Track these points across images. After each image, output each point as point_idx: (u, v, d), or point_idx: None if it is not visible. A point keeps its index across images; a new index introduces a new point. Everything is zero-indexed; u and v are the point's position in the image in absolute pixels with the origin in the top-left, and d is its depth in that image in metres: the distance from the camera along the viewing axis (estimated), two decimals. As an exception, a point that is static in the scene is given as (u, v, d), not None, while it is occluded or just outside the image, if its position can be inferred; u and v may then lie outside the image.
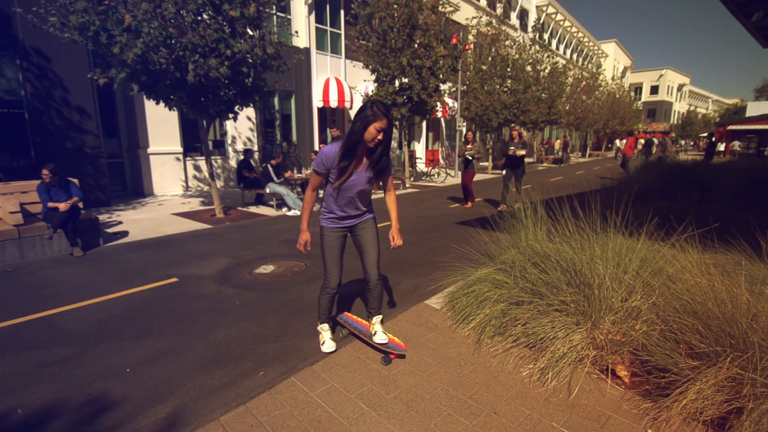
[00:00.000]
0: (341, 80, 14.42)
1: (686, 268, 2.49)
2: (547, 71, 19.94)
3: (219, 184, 12.03)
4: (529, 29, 24.73)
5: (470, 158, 8.83)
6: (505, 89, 16.58)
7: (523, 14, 27.90)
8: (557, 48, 32.45)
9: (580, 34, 35.64)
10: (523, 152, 8.38)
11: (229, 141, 12.24)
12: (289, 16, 13.13)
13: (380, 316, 2.82)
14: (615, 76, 39.15)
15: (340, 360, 2.75)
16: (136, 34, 5.83)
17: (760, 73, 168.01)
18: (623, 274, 2.61)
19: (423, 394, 2.37)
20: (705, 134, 43.73)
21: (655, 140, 29.24)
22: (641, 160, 12.82)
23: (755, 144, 31.53)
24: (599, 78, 30.13)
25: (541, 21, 28.16)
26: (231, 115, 7.63)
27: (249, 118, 12.45)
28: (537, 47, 19.21)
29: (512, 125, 8.91)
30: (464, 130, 15.56)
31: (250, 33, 6.99)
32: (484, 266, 3.38)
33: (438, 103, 12.32)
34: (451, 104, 16.77)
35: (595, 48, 40.54)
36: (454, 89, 16.16)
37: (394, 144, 17.96)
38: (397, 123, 12.22)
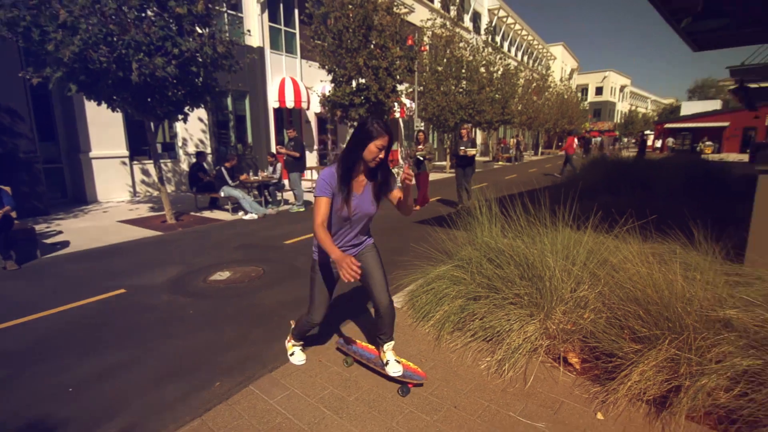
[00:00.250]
0: (297, 80, 14.20)
1: (628, 258, 2.66)
2: (500, 73, 20.59)
3: (170, 188, 11.51)
4: (482, 32, 25.46)
5: (422, 159, 8.67)
6: (461, 90, 16.98)
7: (476, 17, 28.68)
8: (509, 50, 33.62)
9: (530, 37, 37.12)
10: (474, 151, 8.36)
11: (180, 143, 11.73)
12: (240, 14, 12.77)
13: (392, 343, 2.49)
14: (563, 78, 41.09)
15: (301, 365, 2.70)
16: (72, 30, 5.45)
17: (691, 74, 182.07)
18: (572, 265, 2.74)
19: (385, 394, 2.37)
20: (641, 133, 46.83)
21: (595, 139, 30.97)
22: (585, 158, 13.56)
23: (689, 141, 34.22)
24: (549, 79, 31.54)
25: (493, 24, 29.07)
26: (180, 117, 7.32)
27: (201, 120, 12.00)
28: (490, 49, 19.81)
29: (462, 124, 8.95)
30: (423, 130, 15.80)
31: (199, 31, 6.73)
32: (443, 264, 3.44)
33: (396, 104, 12.41)
34: (408, 105, 16.95)
35: (544, 50, 42.38)
36: (411, 90, 16.35)
37: (353, 144, 17.89)
38: (355, 123, 12.19)
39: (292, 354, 2.76)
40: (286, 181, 9.76)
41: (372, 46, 11.12)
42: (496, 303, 2.83)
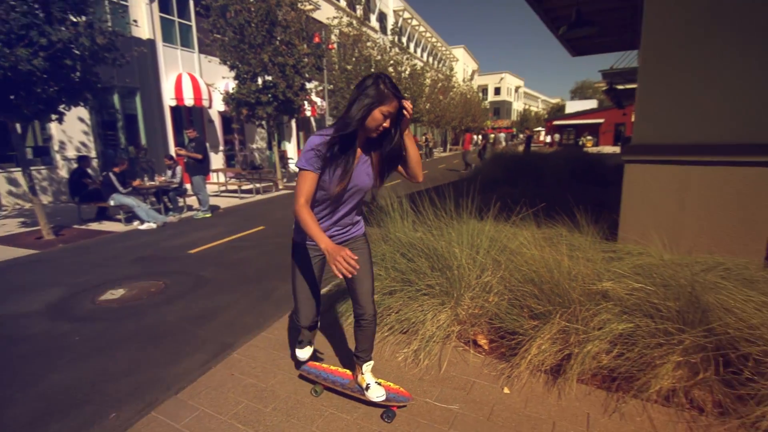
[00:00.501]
0: (196, 77, 13.23)
1: (524, 244, 2.90)
2: (407, 73, 21.30)
3: (46, 199, 10.00)
4: (389, 32, 26.11)
5: None
6: (370, 89, 17.22)
7: (382, 17, 29.30)
8: (414, 51, 34.93)
9: (433, 39, 38.94)
10: None
11: (56, 147, 10.24)
12: (124, 2, 11.51)
13: (372, 363, 2.20)
14: (465, 79, 43.86)
15: (211, 382, 2.51)
16: None
17: (573, 77, 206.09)
18: (476, 254, 2.92)
19: (303, 400, 2.31)
20: (536, 129, 51.90)
21: (491, 136, 33.69)
22: (490, 152, 14.61)
23: (573, 135, 38.71)
24: (452, 80, 33.42)
25: (399, 25, 30.00)
26: (54, 117, 6.38)
27: (82, 120, 10.59)
28: (397, 50, 20.39)
29: None
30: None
31: (74, 19, 5.91)
32: (358, 261, 3.45)
33: (305, 102, 12.18)
34: (320, 103, 16.77)
35: (447, 52, 44.78)
36: (321, 88, 16.18)
37: (263, 144, 17.24)
38: (264, 122, 11.72)
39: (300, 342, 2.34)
40: (188, 186, 9.05)
41: (277, 42, 10.77)
42: (410, 295, 2.91)
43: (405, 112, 1.77)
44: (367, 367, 2.18)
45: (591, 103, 48.43)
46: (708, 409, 2.09)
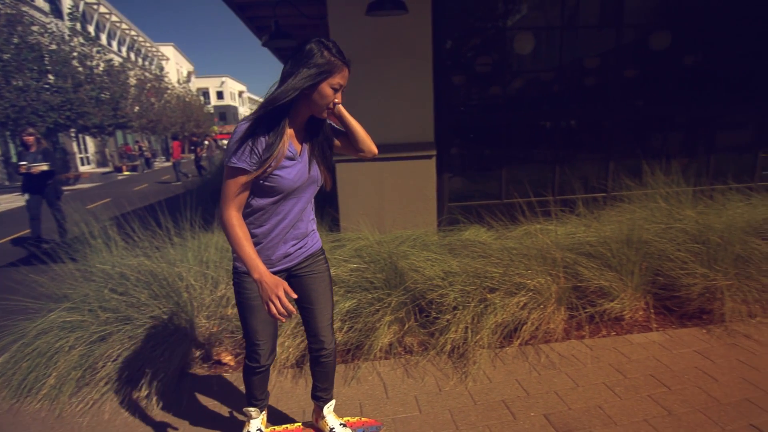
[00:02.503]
0: None
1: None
2: (101, 68, 17.76)
3: None
4: (66, 18, 20.96)
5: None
6: (46, 86, 13.49)
7: (53, -2, 23.25)
8: (110, 44, 29.48)
9: (133, 33, 33.85)
10: (43, 167, 5.85)
11: None
12: None
13: (333, 402, 1.91)
14: (181, 80, 40.27)
15: None
16: None
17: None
18: (206, 269, 2.73)
19: None
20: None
21: (205, 143, 32.65)
22: (206, 161, 13.94)
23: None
24: (165, 80, 30.06)
25: (81, 10, 24.50)
26: None
27: None
28: (82, 39, 16.65)
29: (26, 129, 6.18)
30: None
31: None
32: (49, 313, 2.64)
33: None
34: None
35: (154, 50, 39.87)
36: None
37: None
38: None
39: None
40: None
41: None
42: (131, 334, 2.45)
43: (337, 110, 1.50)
44: (328, 408, 1.89)
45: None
46: (415, 349, 2.65)
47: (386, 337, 2.61)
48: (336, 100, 1.42)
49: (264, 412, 1.85)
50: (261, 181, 1.40)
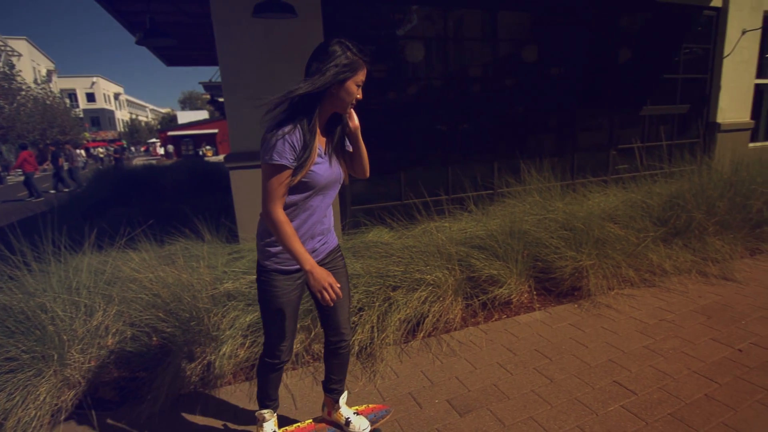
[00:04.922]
0: None
1: (137, 268, 2.61)
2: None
3: None
4: None
5: None
6: None
7: None
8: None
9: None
10: None
11: None
12: None
13: (346, 394, 1.95)
14: (40, 80, 34.63)
15: None
16: None
17: (179, 87, 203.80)
18: (78, 296, 2.38)
19: None
20: (150, 140, 48.48)
21: (100, 149, 29.10)
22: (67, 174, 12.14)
23: (192, 146, 38.55)
24: (17, 79, 25.61)
25: None
26: None
27: None
28: None
29: None
30: None
31: None
32: None
33: None
34: None
35: (2, 44, 33.68)
36: None
37: None
38: None
39: None
40: None
41: None
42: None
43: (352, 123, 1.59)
44: (342, 399, 1.93)
45: (203, 114, 49.68)
46: (322, 354, 2.62)
47: (296, 346, 2.54)
48: (358, 96, 1.49)
49: (275, 414, 1.83)
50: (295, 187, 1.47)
